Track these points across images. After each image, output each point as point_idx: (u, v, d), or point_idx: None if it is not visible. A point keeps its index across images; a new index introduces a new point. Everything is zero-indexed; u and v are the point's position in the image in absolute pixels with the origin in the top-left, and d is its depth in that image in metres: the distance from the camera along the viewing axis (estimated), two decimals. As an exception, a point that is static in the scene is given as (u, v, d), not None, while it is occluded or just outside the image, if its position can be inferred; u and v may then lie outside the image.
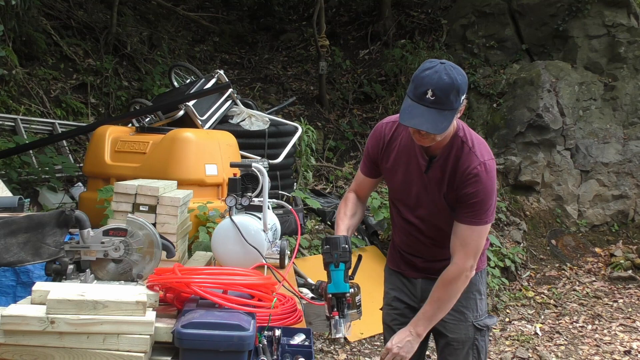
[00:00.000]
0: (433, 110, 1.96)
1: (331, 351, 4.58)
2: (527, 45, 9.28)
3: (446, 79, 1.95)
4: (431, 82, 1.95)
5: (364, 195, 2.50)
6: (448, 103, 1.96)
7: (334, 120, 9.03)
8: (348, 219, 2.37)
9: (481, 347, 2.40)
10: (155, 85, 7.76)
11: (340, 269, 2.10)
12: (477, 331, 2.38)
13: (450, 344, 2.39)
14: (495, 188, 2.17)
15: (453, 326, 2.37)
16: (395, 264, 2.53)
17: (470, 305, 2.38)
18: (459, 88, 1.97)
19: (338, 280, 2.10)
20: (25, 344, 1.56)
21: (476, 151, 2.15)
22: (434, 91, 1.94)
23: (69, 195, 5.38)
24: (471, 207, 2.13)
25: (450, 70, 1.96)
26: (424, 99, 1.96)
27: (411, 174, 2.26)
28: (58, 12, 7.95)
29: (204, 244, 3.33)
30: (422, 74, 1.98)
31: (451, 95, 1.96)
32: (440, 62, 2.00)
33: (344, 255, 2.12)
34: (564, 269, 6.97)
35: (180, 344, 1.61)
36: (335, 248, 2.12)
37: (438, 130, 1.99)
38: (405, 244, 2.44)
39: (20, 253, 1.81)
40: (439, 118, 1.96)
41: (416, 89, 1.98)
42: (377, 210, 5.66)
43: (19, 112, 6.34)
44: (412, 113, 1.98)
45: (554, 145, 7.89)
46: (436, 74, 1.95)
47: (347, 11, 11.45)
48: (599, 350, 5.08)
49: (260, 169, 2.72)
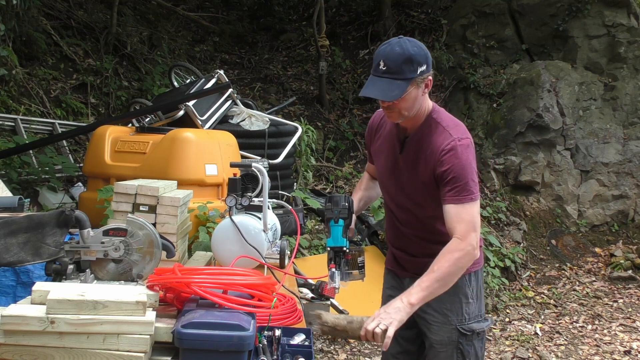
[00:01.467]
0: (385, 79, 2.05)
1: (331, 351, 4.58)
2: (527, 45, 9.28)
3: (397, 50, 2.04)
4: (383, 54, 2.07)
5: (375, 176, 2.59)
6: (400, 72, 2.03)
7: (334, 120, 9.03)
8: (362, 191, 2.54)
9: (467, 351, 2.33)
10: (155, 85, 7.76)
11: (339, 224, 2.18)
12: (462, 335, 2.32)
13: (433, 346, 2.37)
14: (473, 165, 2.14)
15: (436, 328, 2.34)
16: (389, 263, 2.57)
17: (454, 308, 2.33)
18: (412, 58, 2.04)
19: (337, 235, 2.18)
20: (25, 344, 1.56)
21: (450, 130, 2.17)
22: (384, 61, 2.05)
23: (69, 195, 5.38)
24: (451, 183, 2.10)
25: (404, 43, 2.06)
26: (378, 69, 2.07)
27: (390, 158, 2.32)
28: (58, 12, 7.95)
29: (204, 244, 3.33)
30: (379, 49, 2.10)
31: (403, 65, 2.03)
32: (398, 37, 2.12)
33: (344, 212, 2.20)
34: (564, 269, 6.97)
35: (180, 344, 1.61)
36: (336, 205, 2.20)
37: (387, 97, 2.06)
38: (392, 237, 2.49)
39: (20, 253, 1.81)
40: (389, 87, 2.04)
41: (373, 63, 2.11)
42: (377, 210, 5.67)
43: (19, 112, 6.34)
44: (367, 85, 2.09)
45: (554, 145, 7.89)
46: (389, 46, 2.07)
47: (347, 11, 11.45)
48: (599, 350, 5.08)
49: (260, 169, 2.72)
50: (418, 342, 2.48)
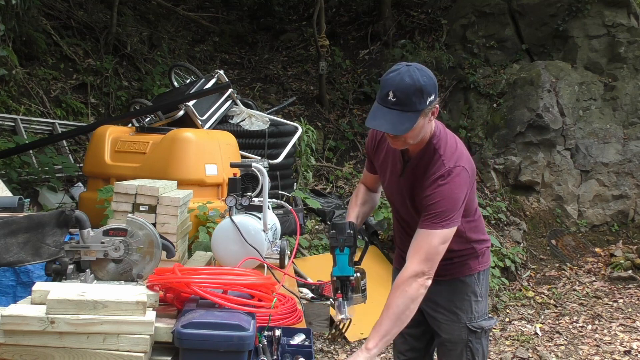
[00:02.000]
0: (394, 111, 1.97)
1: (331, 351, 4.58)
2: (527, 45, 9.28)
3: (407, 80, 1.96)
4: (392, 84, 1.97)
5: (372, 188, 2.56)
6: (410, 104, 1.97)
7: (334, 120, 9.03)
8: (358, 207, 2.47)
9: (476, 349, 2.38)
10: (155, 85, 7.76)
11: (345, 253, 2.15)
12: (471, 333, 2.37)
13: (444, 345, 2.41)
14: (459, 196, 2.10)
15: (446, 327, 2.38)
16: (397, 262, 2.57)
17: (464, 306, 2.37)
18: (422, 89, 1.97)
19: (343, 264, 2.15)
20: (25, 344, 1.56)
21: (445, 158, 2.13)
22: (394, 92, 1.96)
23: (69, 195, 5.38)
24: (428, 210, 2.09)
25: (413, 72, 1.97)
26: (387, 100, 1.98)
27: (393, 174, 2.32)
28: (58, 12, 7.95)
29: (204, 244, 3.33)
30: (386, 77, 2.01)
31: (413, 96, 1.96)
32: (406, 64, 2.02)
33: (349, 240, 2.16)
34: (564, 269, 6.97)
35: (180, 344, 1.61)
36: (341, 233, 2.16)
37: (398, 131, 2.00)
38: (401, 242, 2.49)
39: (20, 253, 1.81)
40: (399, 119, 1.98)
41: (380, 92, 2.02)
42: (377, 210, 5.67)
43: (19, 112, 6.34)
44: (375, 115, 2.01)
45: (554, 145, 7.89)
46: (398, 75, 1.98)
47: (347, 11, 11.45)
48: (599, 350, 5.08)
49: (260, 169, 2.72)
50: (425, 340, 2.52)
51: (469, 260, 2.41)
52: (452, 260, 2.33)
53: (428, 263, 2.06)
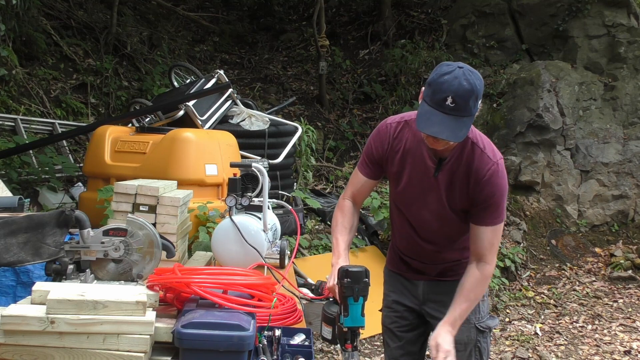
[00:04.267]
0: (452, 117, 1.89)
1: (331, 351, 4.58)
2: (527, 45, 9.28)
3: (466, 85, 1.88)
4: (451, 89, 1.88)
5: (362, 200, 2.42)
6: (467, 110, 1.90)
7: (334, 120, 9.03)
8: (347, 234, 2.28)
9: (483, 348, 2.38)
10: (155, 85, 7.76)
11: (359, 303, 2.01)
12: (480, 333, 2.36)
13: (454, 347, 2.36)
14: (507, 185, 2.17)
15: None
16: (395, 266, 2.49)
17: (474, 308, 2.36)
18: (478, 94, 1.91)
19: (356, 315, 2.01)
20: (25, 344, 1.56)
21: (488, 152, 2.12)
22: (453, 98, 1.87)
23: (69, 195, 5.38)
24: (490, 208, 2.11)
25: (469, 76, 1.90)
26: (444, 105, 1.89)
27: (417, 176, 2.20)
28: (58, 12, 7.95)
29: (204, 244, 3.33)
30: (441, 79, 1.90)
31: (470, 101, 1.89)
32: (458, 66, 1.93)
33: (365, 290, 2.01)
34: (564, 269, 6.97)
35: (180, 344, 1.61)
36: (357, 282, 1.99)
37: (458, 138, 1.93)
38: (404, 247, 2.41)
39: (20, 253, 1.81)
40: (457, 125, 1.91)
41: (434, 95, 1.91)
42: (377, 210, 5.66)
43: (19, 112, 6.34)
44: (430, 120, 1.91)
45: (554, 145, 7.88)
46: (456, 79, 1.88)
47: (347, 11, 11.45)
48: (599, 350, 5.08)
49: (260, 169, 2.72)
50: (419, 343, 2.49)
51: None
52: (460, 261, 2.32)
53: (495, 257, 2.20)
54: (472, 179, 2.10)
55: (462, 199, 2.15)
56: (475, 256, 2.16)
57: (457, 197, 2.15)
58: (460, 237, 2.26)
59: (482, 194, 2.10)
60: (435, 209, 2.22)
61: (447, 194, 2.17)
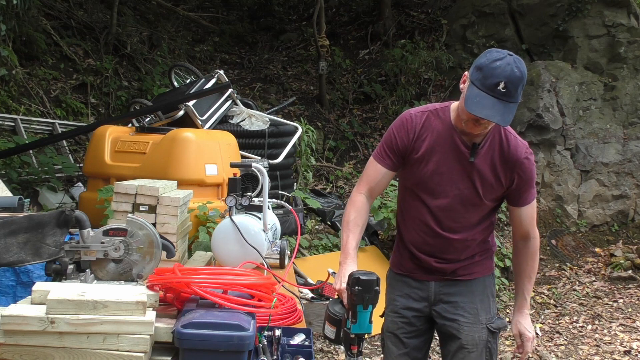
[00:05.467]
0: (503, 102, 1.98)
1: (331, 351, 4.58)
2: (527, 45, 9.27)
3: (517, 73, 1.97)
4: (504, 74, 1.96)
5: (378, 193, 2.37)
6: (516, 96, 2.00)
7: (334, 120, 9.03)
8: (358, 232, 2.22)
9: (493, 349, 2.35)
10: (155, 85, 7.76)
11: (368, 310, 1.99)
12: (490, 333, 2.33)
13: (465, 347, 2.30)
14: None
15: (467, 329, 2.30)
16: (402, 267, 2.41)
17: (484, 307, 2.34)
18: (524, 82, 2.02)
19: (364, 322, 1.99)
20: (25, 344, 1.56)
21: (518, 138, 2.27)
22: (506, 84, 1.96)
23: (69, 195, 5.38)
24: (529, 188, 2.28)
25: (519, 64, 2.00)
26: (495, 90, 1.97)
27: (448, 162, 2.21)
28: (58, 12, 7.95)
29: (204, 244, 3.33)
30: (493, 64, 1.98)
31: (519, 88, 1.99)
32: (508, 53, 2.02)
33: (375, 298, 1.99)
34: (564, 269, 6.96)
35: (180, 344, 1.61)
36: (368, 291, 1.96)
37: (506, 122, 2.01)
38: (421, 242, 2.32)
39: (20, 253, 1.81)
40: (506, 110, 1.99)
41: (485, 79, 1.98)
42: (377, 210, 5.66)
43: (19, 112, 6.34)
44: (481, 103, 1.98)
45: (554, 145, 7.88)
46: (508, 66, 1.97)
47: (347, 11, 11.46)
48: (599, 350, 5.08)
49: (260, 169, 2.72)
50: (424, 350, 2.45)
51: (487, 259, 2.41)
52: (473, 259, 2.32)
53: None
54: (512, 160, 2.22)
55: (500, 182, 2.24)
56: (521, 235, 2.35)
57: (494, 181, 2.23)
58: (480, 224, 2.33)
59: (525, 173, 2.24)
60: (466, 194, 2.24)
61: (483, 178, 2.23)
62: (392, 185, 5.84)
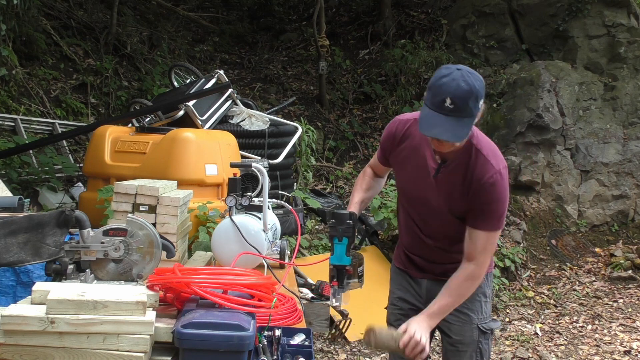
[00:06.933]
0: (452, 118, 1.92)
1: (331, 351, 4.58)
2: (527, 45, 9.27)
3: (464, 86, 1.92)
4: (449, 90, 1.92)
5: (381, 174, 2.54)
6: (467, 110, 1.93)
7: (334, 120, 9.03)
8: (363, 192, 2.43)
9: (484, 350, 2.38)
10: (155, 85, 7.76)
11: (343, 243, 2.17)
12: (482, 334, 2.36)
13: (454, 346, 2.37)
14: (507, 196, 2.16)
15: (458, 328, 2.35)
16: (401, 263, 2.51)
17: (475, 307, 2.36)
18: (477, 94, 1.94)
19: (340, 254, 2.18)
20: (25, 344, 1.56)
21: (491, 160, 2.13)
22: (452, 99, 1.91)
23: (69, 195, 5.38)
24: (486, 214, 2.12)
25: (467, 77, 1.94)
26: (443, 107, 1.92)
27: (419, 174, 2.24)
28: (58, 12, 7.95)
29: (204, 244, 3.33)
30: (439, 82, 1.94)
31: (470, 102, 1.92)
32: (456, 68, 1.97)
33: (348, 230, 2.17)
34: (564, 269, 6.96)
35: (180, 344, 1.61)
36: (341, 223, 2.18)
37: (458, 138, 1.97)
38: (409, 242, 2.44)
39: (20, 253, 1.81)
40: (458, 126, 1.93)
41: (434, 97, 1.95)
42: (377, 210, 5.66)
43: (19, 112, 6.34)
44: (431, 122, 1.95)
45: (554, 145, 7.88)
46: (454, 81, 1.92)
47: (347, 11, 11.45)
48: (599, 350, 5.08)
49: (260, 169, 2.72)
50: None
51: None
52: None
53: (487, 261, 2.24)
54: (473, 184, 2.12)
55: (461, 203, 2.16)
56: (467, 256, 2.18)
57: (456, 201, 2.17)
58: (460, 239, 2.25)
59: (479, 199, 2.11)
60: (434, 208, 2.24)
61: (445, 196, 2.19)
62: (392, 185, 5.84)
